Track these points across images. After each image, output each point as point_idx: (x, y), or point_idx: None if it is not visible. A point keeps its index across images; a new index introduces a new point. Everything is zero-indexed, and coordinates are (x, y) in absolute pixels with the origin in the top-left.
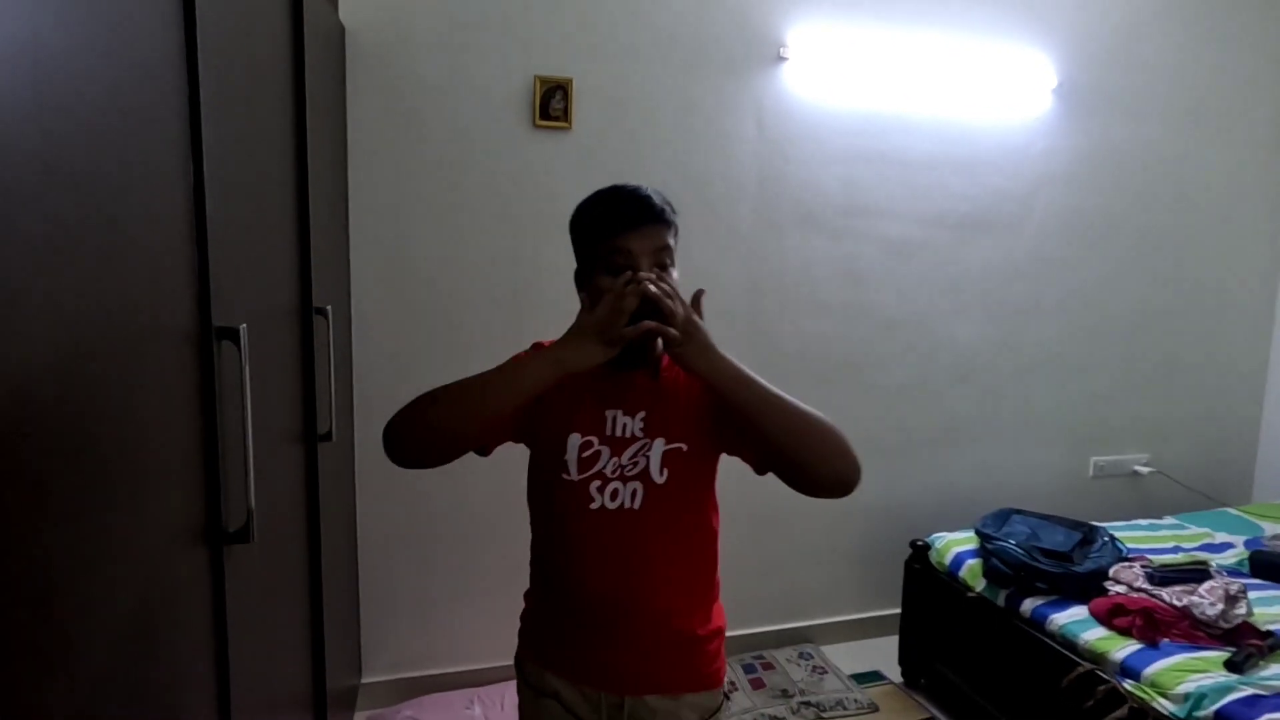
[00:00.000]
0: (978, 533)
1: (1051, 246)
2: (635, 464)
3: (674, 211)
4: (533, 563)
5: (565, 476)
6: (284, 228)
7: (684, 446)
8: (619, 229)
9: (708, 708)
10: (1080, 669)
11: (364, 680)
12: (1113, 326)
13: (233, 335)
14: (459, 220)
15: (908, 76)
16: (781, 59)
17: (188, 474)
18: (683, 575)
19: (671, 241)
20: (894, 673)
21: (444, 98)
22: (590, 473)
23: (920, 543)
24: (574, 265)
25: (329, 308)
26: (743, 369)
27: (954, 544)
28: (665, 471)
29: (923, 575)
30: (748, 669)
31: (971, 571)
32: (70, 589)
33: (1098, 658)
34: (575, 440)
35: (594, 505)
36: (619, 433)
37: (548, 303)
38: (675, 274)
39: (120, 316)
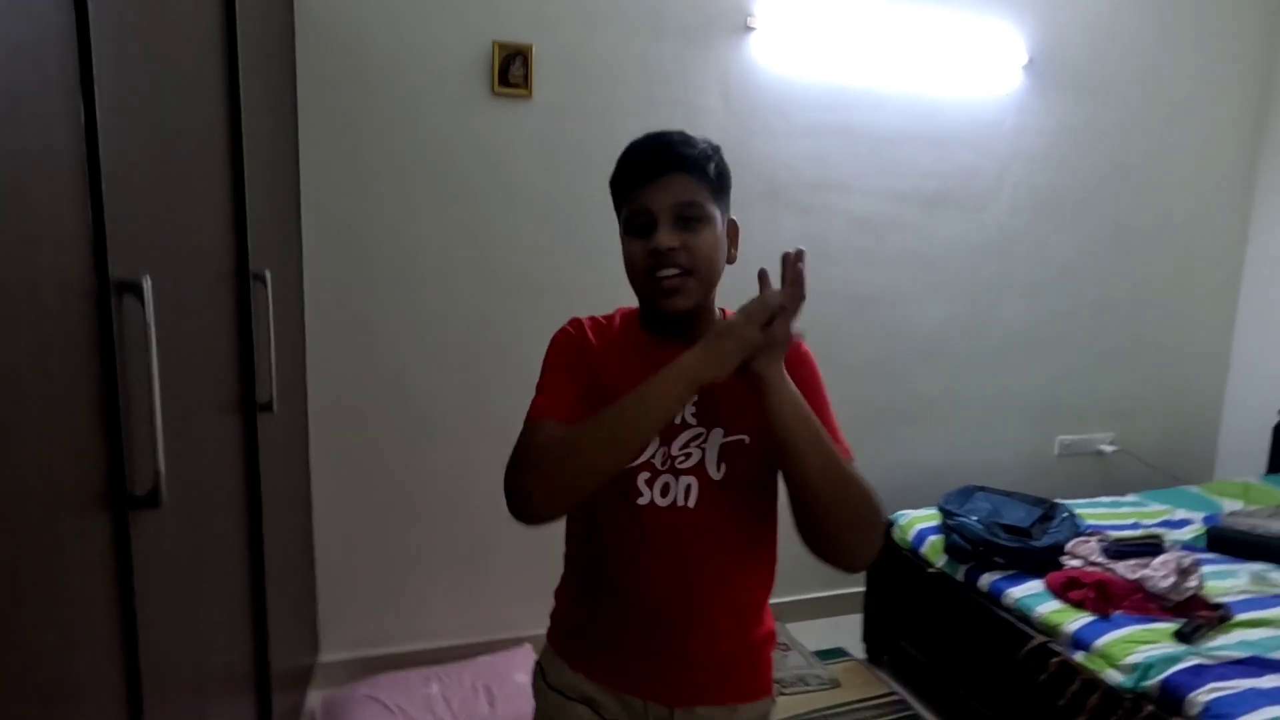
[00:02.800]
0: (940, 509)
1: (1020, 225)
2: (688, 455)
3: (712, 159)
4: (570, 559)
5: None
6: (212, 187)
7: (746, 439)
8: (635, 183)
9: (760, 716)
10: (1034, 642)
11: (321, 659)
12: (1080, 306)
13: (135, 289)
14: (416, 187)
15: (878, 49)
16: (749, 29)
17: (82, 434)
18: (741, 579)
19: (703, 195)
20: (857, 649)
21: (400, 62)
22: (638, 462)
23: (884, 520)
24: (527, 230)
25: (268, 273)
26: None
27: (917, 521)
28: (723, 466)
29: (886, 552)
30: None
31: (933, 548)
32: None
33: (1051, 630)
34: None
35: (642, 500)
36: None
37: (507, 272)
38: (709, 234)
39: None
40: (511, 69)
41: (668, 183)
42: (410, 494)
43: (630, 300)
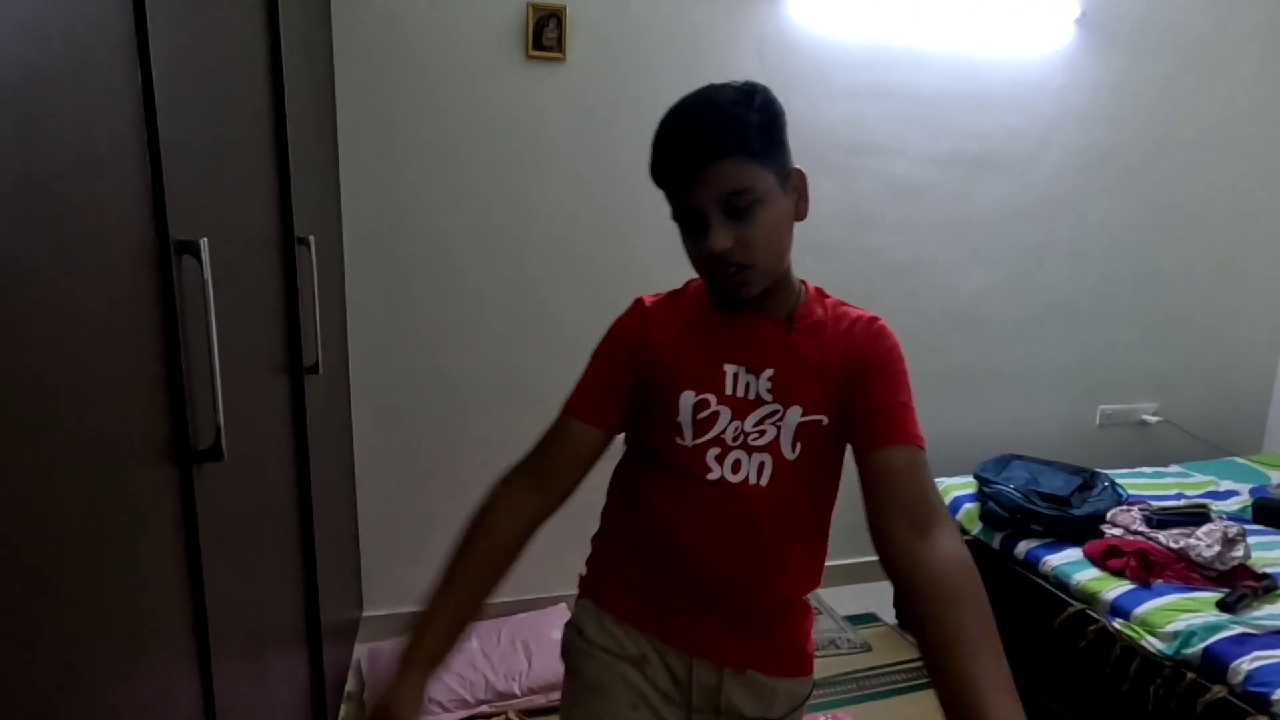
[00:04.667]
0: (976, 477)
1: (1065, 188)
2: (762, 433)
3: (752, 120)
4: (620, 513)
5: (679, 441)
6: (258, 151)
7: (825, 419)
8: (673, 182)
9: (799, 695)
10: (1071, 609)
11: (365, 614)
12: (1126, 272)
13: (193, 249)
14: (450, 152)
15: (919, 5)
16: None
17: (149, 389)
18: (803, 555)
19: (752, 173)
20: (889, 615)
21: (433, 26)
22: (707, 437)
23: None
24: (561, 196)
25: (311, 238)
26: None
27: (952, 488)
28: (799, 446)
29: None
30: None
31: (968, 515)
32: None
33: (1089, 598)
34: (689, 399)
35: (712, 476)
36: (740, 392)
37: (541, 236)
38: (766, 217)
39: (61, 222)
40: (545, 32)
41: (709, 176)
42: (447, 454)
43: (664, 267)
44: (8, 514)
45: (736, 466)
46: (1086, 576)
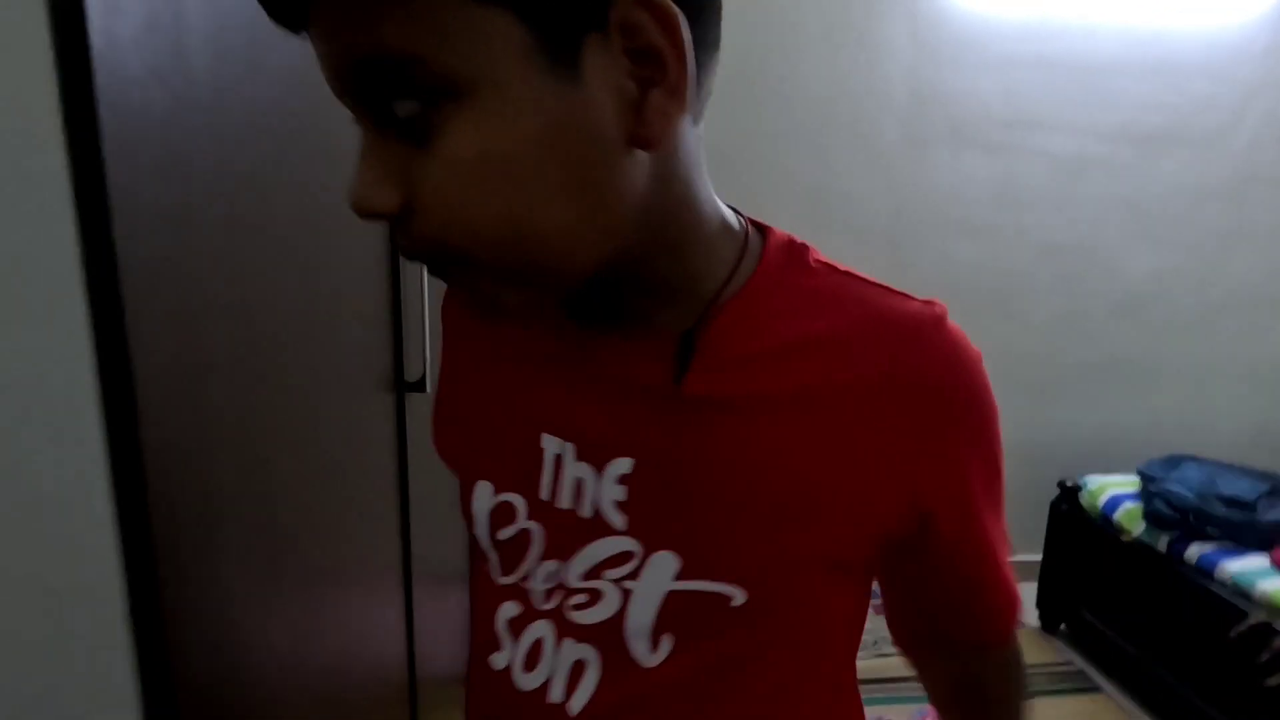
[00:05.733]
0: (1141, 475)
1: (1265, 163)
2: (594, 597)
3: None
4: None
5: (487, 571)
6: None
7: (737, 595)
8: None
9: None
10: (1252, 619)
11: None
12: None
13: None
14: None
15: None
16: None
17: (378, 328)
18: None
19: (433, 34)
20: (1031, 616)
21: None
22: (513, 577)
23: (1070, 484)
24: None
25: None
26: None
27: (1109, 486)
28: (665, 642)
29: (1070, 518)
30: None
31: (1129, 515)
32: (280, 422)
33: (1276, 609)
34: (485, 497)
35: (497, 659)
36: (566, 498)
37: None
38: (491, 133)
39: (322, 201)
40: None
41: (328, 24)
42: None
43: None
44: (300, 430)
45: (534, 656)
46: (1274, 585)
